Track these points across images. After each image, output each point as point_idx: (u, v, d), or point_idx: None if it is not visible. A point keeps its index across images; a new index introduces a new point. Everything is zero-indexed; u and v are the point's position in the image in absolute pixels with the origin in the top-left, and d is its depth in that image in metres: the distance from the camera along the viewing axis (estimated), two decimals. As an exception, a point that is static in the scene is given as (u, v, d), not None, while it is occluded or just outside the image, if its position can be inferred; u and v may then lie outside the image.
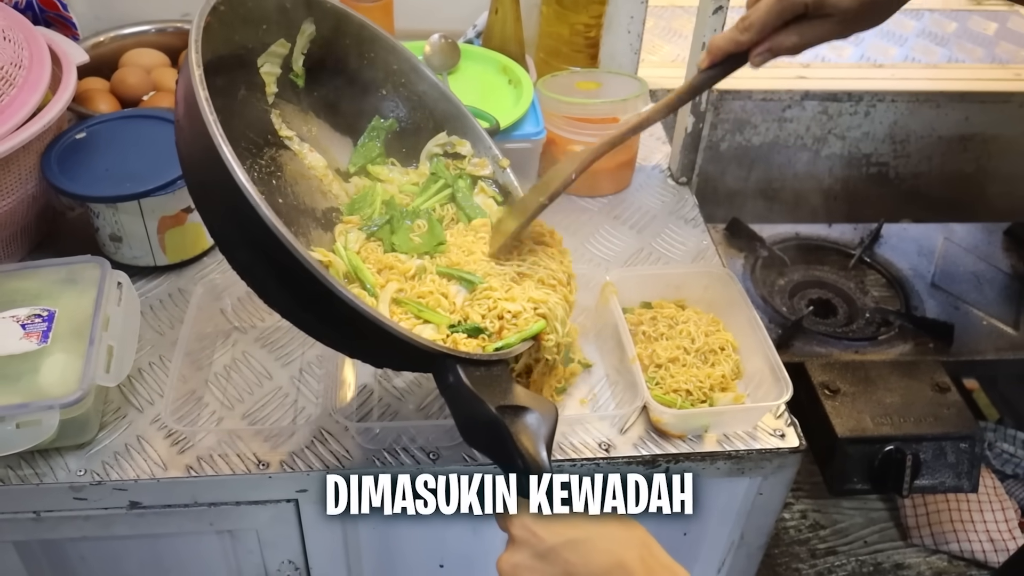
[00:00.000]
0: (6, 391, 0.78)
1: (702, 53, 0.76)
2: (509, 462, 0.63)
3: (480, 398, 0.65)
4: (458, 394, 0.67)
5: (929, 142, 1.59)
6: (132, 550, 0.91)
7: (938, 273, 1.33)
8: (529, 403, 0.66)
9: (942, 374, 1.14)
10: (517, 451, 0.62)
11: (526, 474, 0.62)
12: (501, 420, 0.64)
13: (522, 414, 0.65)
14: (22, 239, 1.00)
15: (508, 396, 0.66)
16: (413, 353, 0.67)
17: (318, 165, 0.86)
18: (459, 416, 0.68)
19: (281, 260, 0.61)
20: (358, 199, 0.86)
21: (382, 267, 0.79)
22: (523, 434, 0.64)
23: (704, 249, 1.10)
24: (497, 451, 0.65)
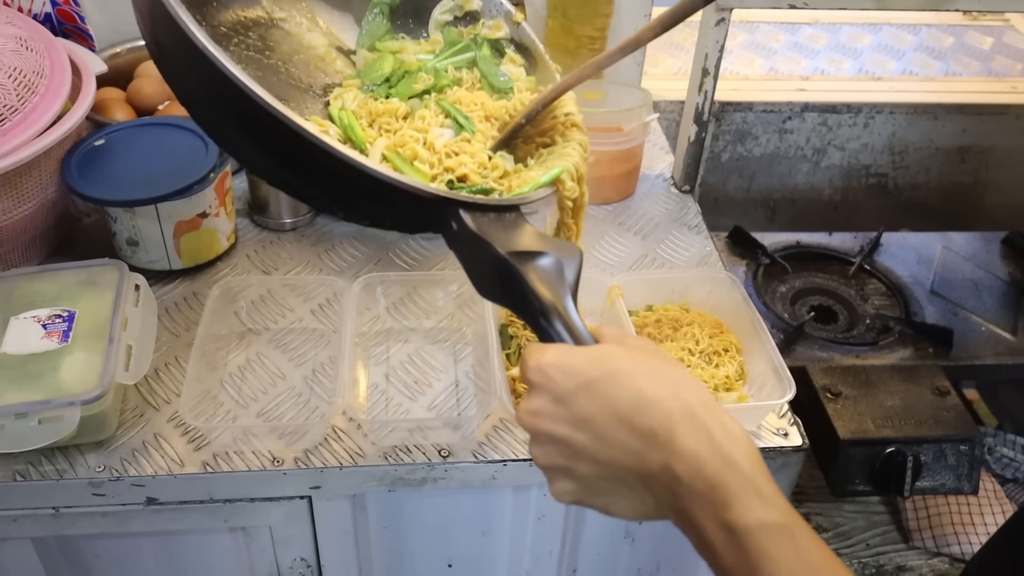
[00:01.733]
0: (28, 388, 0.80)
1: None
2: (526, 305, 0.57)
3: (485, 240, 0.58)
4: (463, 241, 0.60)
5: (927, 153, 1.62)
6: (146, 548, 0.93)
7: (937, 280, 1.35)
8: (546, 247, 0.59)
9: (942, 378, 1.15)
10: (530, 291, 0.56)
11: (544, 313, 0.55)
12: (509, 260, 0.57)
13: (537, 257, 0.58)
14: (41, 243, 1.02)
15: (521, 242, 0.59)
16: (408, 202, 0.60)
17: (318, 44, 0.80)
18: (468, 267, 0.62)
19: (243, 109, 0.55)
20: (365, 69, 0.78)
21: (373, 118, 0.72)
22: (535, 276, 0.57)
23: (707, 255, 1.12)
24: (512, 297, 0.58)
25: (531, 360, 0.51)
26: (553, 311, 0.55)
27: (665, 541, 1.01)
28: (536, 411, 0.51)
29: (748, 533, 0.45)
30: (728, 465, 0.46)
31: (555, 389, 0.50)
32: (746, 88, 1.55)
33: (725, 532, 0.46)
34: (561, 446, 0.50)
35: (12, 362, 0.82)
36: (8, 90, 0.91)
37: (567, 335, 0.54)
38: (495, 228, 0.60)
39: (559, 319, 0.55)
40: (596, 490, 0.51)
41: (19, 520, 0.84)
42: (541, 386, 0.50)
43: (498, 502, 0.93)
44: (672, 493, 0.48)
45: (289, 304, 1.00)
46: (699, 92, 1.15)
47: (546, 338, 0.55)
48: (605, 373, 0.49)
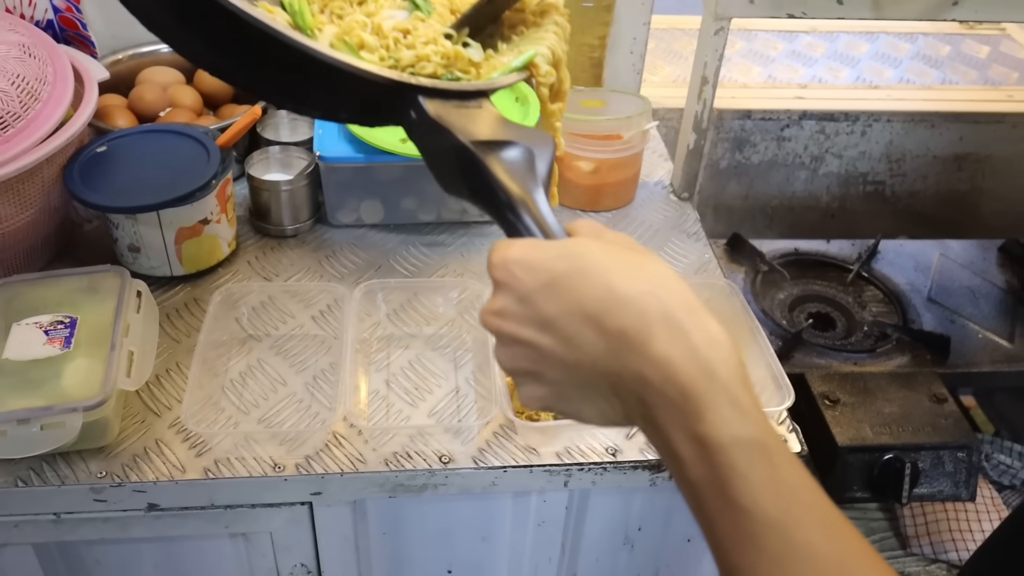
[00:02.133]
0: (30, 394, 0.80)
1: None
2: (491, 198, 0.52)
3: (447, 128, 0.53)
4: (423, 130, 0.55)
5: (924, 161, 1.63)
6: (147, 554, 0.93)
7: (934, 288, 1.36)
8: (515, 136, 0.54)
9: (939, 385, 1.16)
10: (495, 182, 0.51)
11: (510, 206, 0.51)
12: (471, 149, 0.52)
13: (504, 147, 0.53)
14: (42, 250, 1.02)
15: (488, 130, 0.54)
16: (363, 89, 0.54)
17: None
18: (430, 159, 0.57)
19: None
20: None
21: (325, 4, 0.65)
22: (501, 166, 0.52)
23: (706, 263, 1.13)
24: (478, 191, 0.53)
25: (495, 256, 0.47)
26: (521, 203, 0.50)
27: (664, 547, 1.01)
28: (500, 311, 0.46)
29: (720, 447, 0.42)
30: (704, 373, 0.42)
31: (519, 287, 0.45)
32: (744, 96, 1.56)
33: (695, 444, 0.42)
34: (527, 349, 0.46)
35: (14, 368, 0.82)
36: (11, 97, 0.92)
37: (536, 229, 0.49)
38: (458, 116, 0.55)
39: (527, 211, 0.50)
40: (566, 396, 0.47)
41: (20, 526, 0.84)
42: (505, 284, 0.46)
43: (498, 508, 0.93)
44: (641, 400, 0.44)
45: (290, 310, 1.00)
46: (698, 100, 1.15)
47: (514, 233, 0.50)
48: (573, 268, 0.44)
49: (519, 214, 0.50)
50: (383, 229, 1.13)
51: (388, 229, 1.13)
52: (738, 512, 0.42)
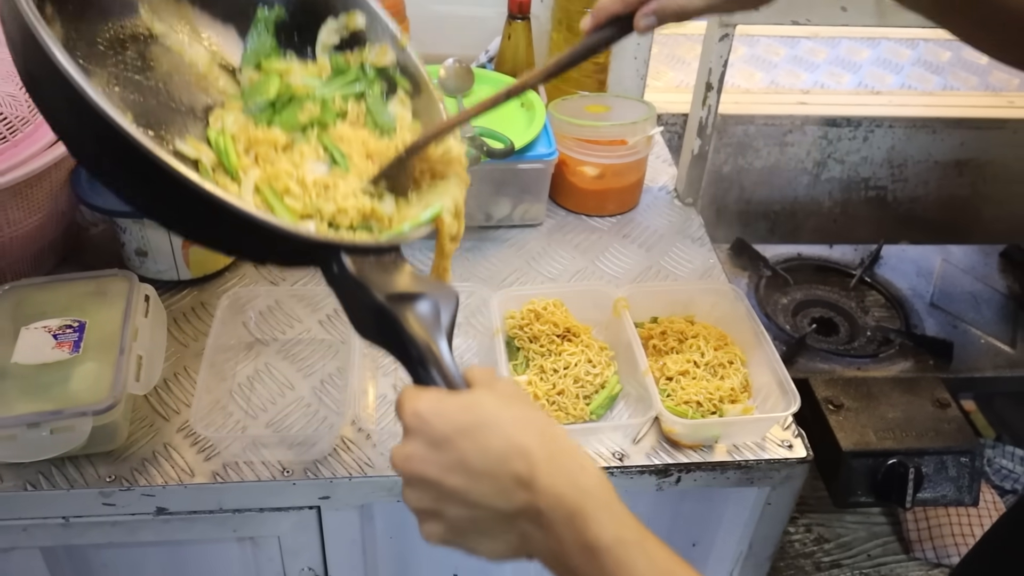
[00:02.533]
0: (40, 398, 0.80)
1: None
2: (403, 351, 0.59)
3: (364, 284, 0.59)
4: (344, 284, 0.61)
5: (926, 166, 1.63)
6: (154, 558, 0.93)
7: (937, 293, 1.36)
8: (424, 289, 0.60)
9: (942, 390, 1.16)
10: (409, 339, 0.58)
11: (421, 361, 0.57)
12: (388, 307, 0.58)
13: (414, 301, 0.59)
14: (49, 253, 1.03)
15: (400, 283, 0.60)
16: (288, 244, 0.60)
17: (200, 60, 0.74)
18: (348, 308, 0.62)
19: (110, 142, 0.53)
20: (249, 90, 0.74)
21: (250, 145, 0.68)
22: (414, 320, 0.58)
23: (711, 267, 1.13)
24: (391, 341, 0.60)
25: (408, 405, 0.53)
26: (430, 357, 0.57)
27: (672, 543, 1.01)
28: (410, 455, 0.52)
29: (607, 549, 0.49)
30: (584, 494, 0.50)
31: (430, 433, 0.52)
32: (747, 101, 1.56)
33: (586, 552, 0.49)
34: (432, 489, 0.52)
35: (23, 372, 0.82)
36: (19, 101, 0.92)
37: (441, 380, 0.56)
38: (375, 270, 0.61)
39: (435, 366, 0.57)
40: (463, 531, 0.53)
41: (28, 529, 0.84)
42: (416, 430, 0.53)
43: (505, 512, 0.93)
44: (537, 526, 0.51)
45: (297, 315, 1.00)
46: (703, 106, 1.16)
47: (420, 381, 0.58)
48: (477, 421, 0.52)
49: (428, 368, 0.57)
50: (389, 233, 1.14)
51: (394, 233, 1.14)
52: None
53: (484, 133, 1.08)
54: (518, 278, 1.09)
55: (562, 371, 0.91)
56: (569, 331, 0.95)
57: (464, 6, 1.33)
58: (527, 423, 0.53)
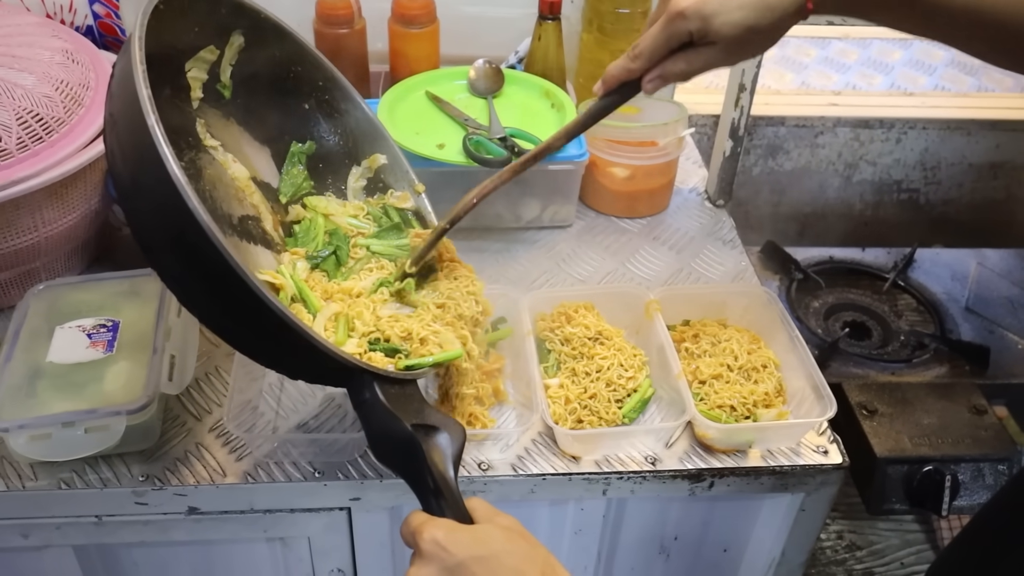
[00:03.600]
0: (74, 397, 0.80)
1: (597, 82, 0.78)
2: (419, 479, 0.66)
3: (396, 415, 0.67)
4: (373, 410, 0.68)
5: (959, 169, 1.61)
6: (184, 557, 0.93)
7: (972, 297, 1.34)
8: (439, 423, 0.68)
9: (979, 396, 1.14)
10: (428, 469, 0.65)
11: (436, 492, 0.65)
12: (415, 437, 0.66)
13: (433, 433, 0.67)
14: (83, 253, 1.03)
15: (421, 415, 0.68)
16: (331, 365, 0.68)
17: (241, 176, 0.86)
18: (372, 432, 0.70)
19: (212, 268, 0.62)
20: (302, 235, 0.89)
21: (328, 295, 0.82)
22: (435, 452, 0.66)
23: (743, 270, 1.12)
24: (408, 468, 0.67)
25: (425, 533, 0.60)
26: (445, 491, 0.65)
27: (700, 556, 1.00)
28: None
29: None
30: None
31: (447, 560, 0.59)
32: (778, 102, 1.55)
33: None
34: None
35: (58, 371, 0.83)
36: (55, 102, 0.93)
37: (451, 513, 0.64)
38: (401, 400, 0.69)
39: (449, 498, 0.64)
40: None
41: (62, 528, 0.85)
42: (433, 556, 0.59)
43: (535, 516, 0.93)
44: None
45: (327, 315, 1.00)
46: (735, 107, 1.15)
47: (430, 510, 0.65)
48: (490, 553, 0.59)
49: (440, 500, 0.65)
50: (418, 235, 1.13)
51: (423, 235, 1.13)
52: None
53: (515, 134, 1.08)
54: (548, 280, 1.08)
55: (594, 374, 0.91)
56: (601, 334, 0.95)
57: (494, 7, 1.32)
58: (531, 558, 0.60)
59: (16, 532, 0.84)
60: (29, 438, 0.78)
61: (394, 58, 1.24)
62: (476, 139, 1.06)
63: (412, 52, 1.22)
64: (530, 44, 1.23)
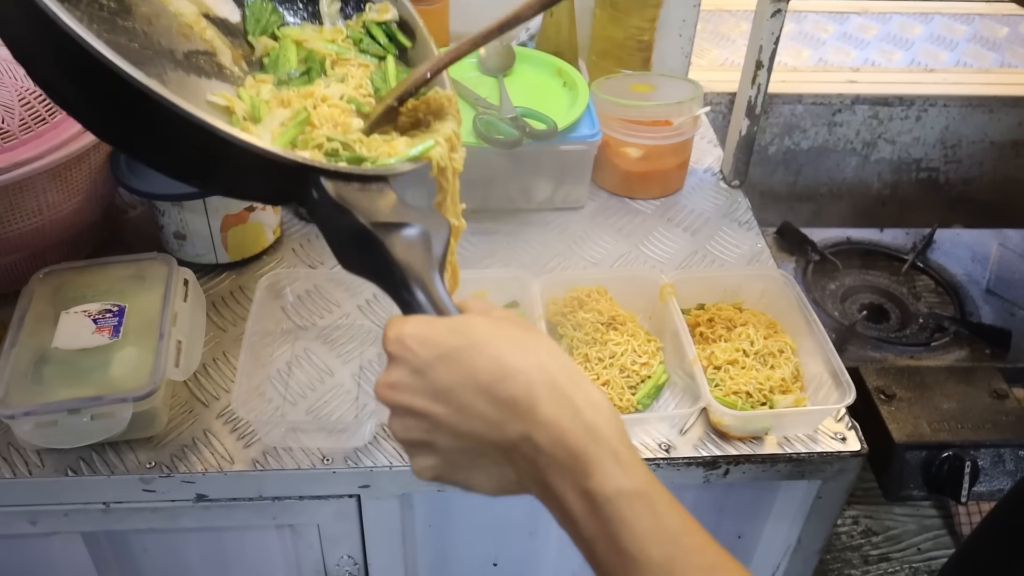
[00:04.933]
0: (79, 384, 0.79)
1: None
2: (388, 279, 0.55)
3: (346, 208, 0.56)
4: (323, 208, 0.57)
5: (981, 147, 1.57)
6: (194, 543, 0.92)
7: (993, 279, 1.31)
8: (412, 218, 0.57)
9: (1000, 381, 1.12)
10: (393, 263, 0.54)
11: (405, 285, 0.53)
12: (370, 230, 0.55)
13: (401, 228, 0.56)
14: (88, 237, 1.02)
15: (386, 212, 0.57)
16: (260, 167, 0.56)
17: (187, 11, 0.75)
18: (330, 238, 0.59)
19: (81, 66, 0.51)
20: (270, 64, 0.75)
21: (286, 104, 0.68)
22: (398, 246, 0.55)
23: (759, 252, 1.10)
24: (374, 269, 0.56)
25: (390, 331, 0.50)
26: (415, 282, 0.53)
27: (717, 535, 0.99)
28: (395, 384, 0.49)
29: (607, 501, 0.45)
30: (589, 433, 0.46)
31: (414, 360, 0.48)
32: (795, 80, 1.51)
33: (585, 500, 0.45)
34: (420, 419, 0.48)
35: (63, 357, 0.82)
36: (58, 83, 0.91)
37: (429, 306, 0.52)
38: (358, 198, 0.57)
39: (421, 290, 0.53)
40: (457, 465, 0.49)
41: (70, 515, 0.84)
42: (400, 358, 0.49)
43: (546, 503, 0.91)
44: (533, 464, 0.47)
45: (336, 299, 0.99)
46: (752, 85, 1.12)
47: (408, 310, 0.53)
48: (465, 343, 0.47)
49: (413, 292, 0.53)
50: (428, 217, 1.12)
51: (433, 217, 1.12)
52: (628, 561, 0.45)
53: (526, 114, 1.06)
54: (560, 263, 1.06)
55: (607, 360, 0.89)
56: (615, 319, 0.93)
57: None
58: (524, 344, 0.48)
59: (24, 519, 0.84)
60: (35, 425, 0.77)
61: (403, 36, 1.22)
62: (486, 119, 1.04)
63: (421, 30, 1.20)
64: (542, 21, 1.21)
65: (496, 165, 1.08)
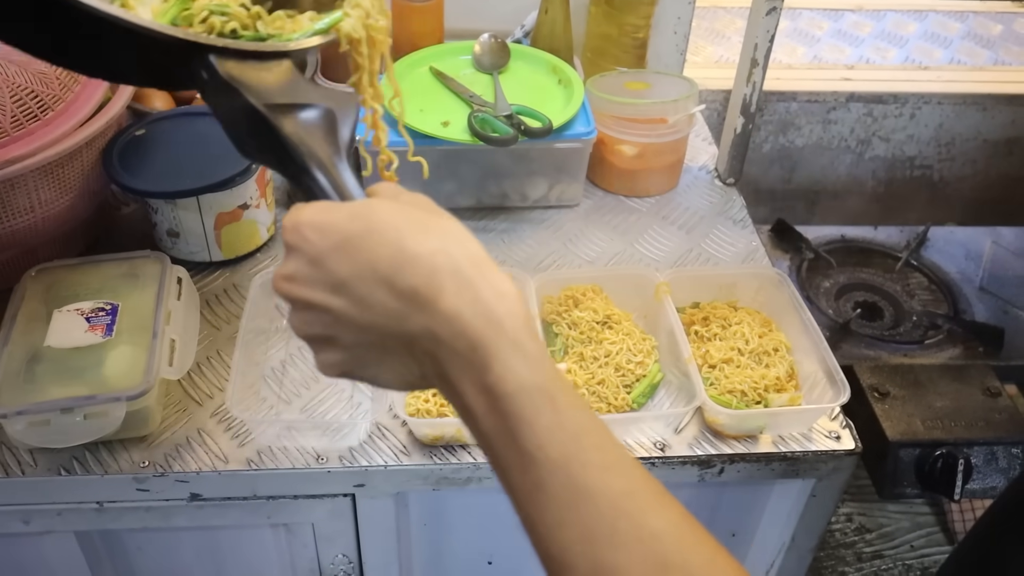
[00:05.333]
0: (72, 383, 0.79)
1: None
2: (287, 164, 0.51)
3: (234, 87, 0.50)
4: (215, 92, 0.52)
5: (974, 145, 1.58)
6: (188, 542, 0.92)
7: (986, 277, 1.32)
8: (314, 98, 0.52)
9: (993, 378, 1.12)
10: (290, 145, 0.50)
11: (306, 171, 0.49)
12: (261, 111, 0.50)
13: (300, 109, 0.51)
14: (80, 234, 1.01)
15: (286, 92, 0.52)
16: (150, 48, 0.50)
17: None
18: (225, 121, 0.53)
19: None
20: None
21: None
22: (296, 128, 0.50)
23: (753, 250, 1.10)
24: (273, 154, 0.51)
25: (287, 220, 0.46)
26: (317, 165, 0.49)
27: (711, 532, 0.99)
28: (291, 276, 0.45)
29: (507, 396, 0.43)
30: (491, 324, 0.43)
31: (310, 250, 0.44)
32: (789, 77, 1.51)
33: (485, 395, 0.43)
34: (320, 313, 0.45)
35: (56, 356, 0.81)
36: (50, 79, 0.90)
37: (332, 191, 0.48)
38: (255, 78, 0.52)
39: (323, 173, 0.49)
40: (362, 360, 0.46)
41: (63, 514, 0.83)
42: (296, 247, 0.45)
43: (541, 501, 0.91)
44: (434, 357, 0.44)
45: (330, 297, 0.98)
46: (747, 83, 1.12)
47: (311, 198, 0.49)
48: (365, 229, 0.44)
49: (314, 177, 0.49)
50: (422, 214, 1.11)
51: (428, 214, 1.11)
52: (526, 459, 0.43)
53: (521, 111, 1.05)
54: (555, 260, 1.06)
55: (602, 359, 0.89)
56: (610, 318, 0.93)
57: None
58: (428, 229, 0.44)
59: (17, 518, 0.83)
60: (27, 424, 0.76)
61: (397, 32, 1.21)
62: (481, 116, 1.03)
63: (416, 26, 1.19)
64: (537, 18, 1.20)
65: (491, 163, 1.08)
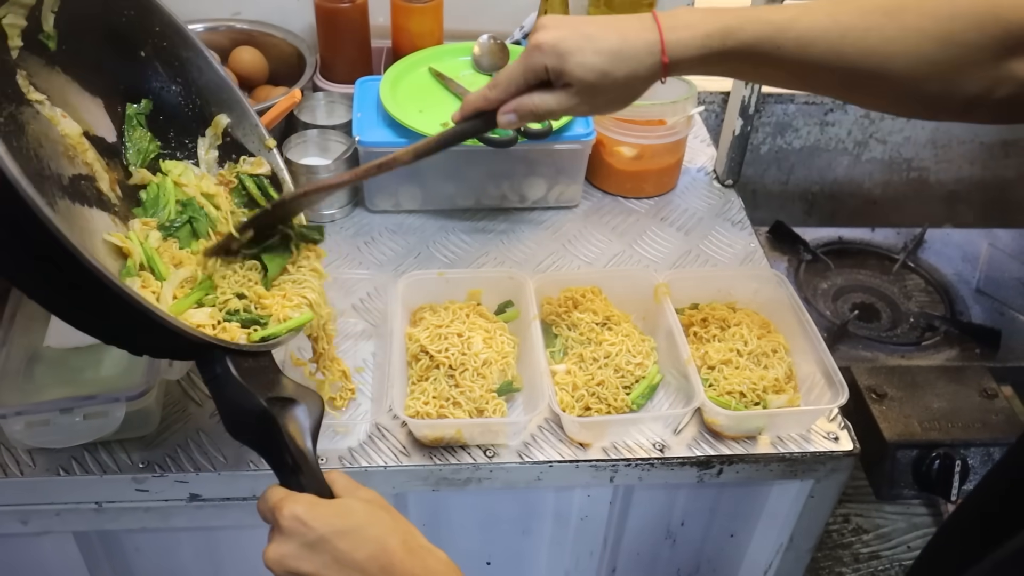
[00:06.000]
0: (72, 383, 0.79)
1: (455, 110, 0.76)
2: (277, 455, 0.64)
3: (249, 390, 0.64)
4: (227, 386, 0.65)
5: (971, 148, 1.58)
6: (187, 543, 0.92)
7: (983, 279, 1.32)
8: (296, 395, 0.66)
9: (989, 380, 1.13)
10: (286, 445, 0.63)
11: (295, 468, 0.63)
12: (271, 412, 0.63)
13: (290, 406, 0.65)
14: (80, 234, 1.01)
15: (275, 387, 0.66)
16: (179, 342, 0.63)
17: (72, 132, 0.77)
18: (226, 409, 0.66)
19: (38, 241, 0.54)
20: (149, 200, 0.81)
21: (178, 261, 0.77)
22: (291, 426, 0.64)
23: (752, 252, 1.10)
24: (265, 444, 0.65)
25: (285, 509, 0.59)
26: (304, 466, 0.63)
27: (707, 542, 1.00)
28: (287, 555, 0.59)
29: None
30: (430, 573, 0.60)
31: (307, 536, 0.59)
32: (787, 79, 1.51)
33: None
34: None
35: (55, 356, 0.81)
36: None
37: (312, 488, 0.62)
38: (254, 374, 0.66)
39: (309, 474, 0.63)
40: None
41: (61, 514, 0.83)
42: (294, 532, 0.59)
43: (540, 502, 0.92)
44: None
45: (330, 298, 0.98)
46: (746, 85, 1.12)
47: (288, 484, 0.63)
48: (350, 526, 0.59)
49: (299, 475, 0.63)
50: (421, 214, 1.12)
51: (426, 214, 1.11)
52: None
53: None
54: (554, 261, 1.06)
55: (602, 360, 0.89)
56: (609, 319, 0.93)
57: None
58: (393, 530, 0.61)
59: (15, 519, 0.83)
60: (27, 425, 0.76)
61: (396, 34, 1.21)
62: (481, 118, 1.03)
63: (415, 27, 1.19)
64: (536, 19, 1.20)
65: (490, 164, 1.08)
